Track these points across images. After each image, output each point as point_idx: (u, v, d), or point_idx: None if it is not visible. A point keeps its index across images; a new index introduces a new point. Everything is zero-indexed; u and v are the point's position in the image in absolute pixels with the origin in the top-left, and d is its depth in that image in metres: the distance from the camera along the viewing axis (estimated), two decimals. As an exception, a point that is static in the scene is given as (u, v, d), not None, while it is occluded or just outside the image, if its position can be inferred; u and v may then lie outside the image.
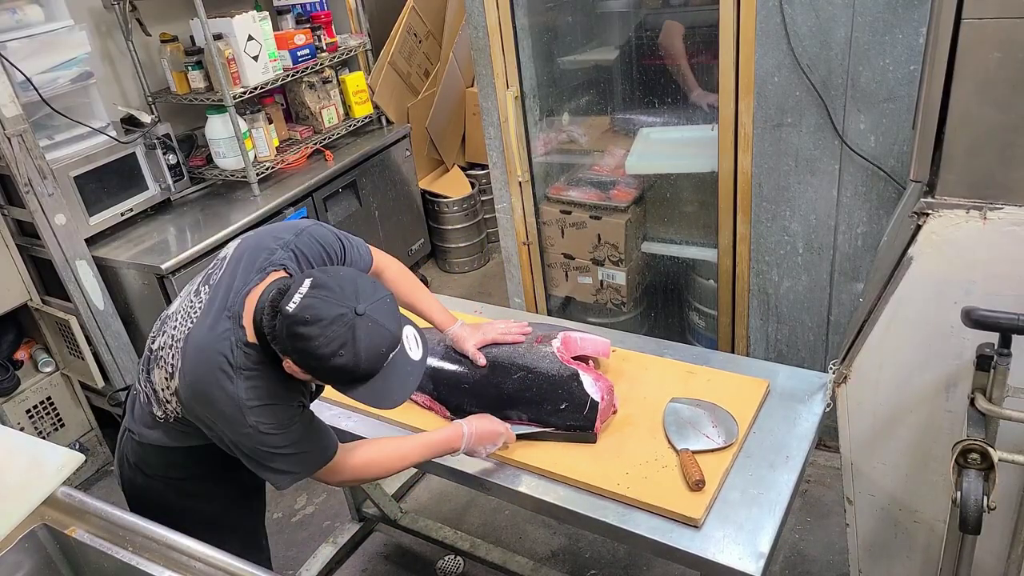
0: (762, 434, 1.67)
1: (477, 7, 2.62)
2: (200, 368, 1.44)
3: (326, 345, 1.30)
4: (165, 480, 1.68)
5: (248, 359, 1.42)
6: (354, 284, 1.37)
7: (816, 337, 2.62)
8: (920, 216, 1.46)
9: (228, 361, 1.41)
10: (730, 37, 2.22)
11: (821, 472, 2.74)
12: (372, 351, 1.33)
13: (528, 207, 2.93)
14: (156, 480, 1.68)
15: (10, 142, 2.61)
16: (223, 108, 3.25)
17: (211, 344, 1.43)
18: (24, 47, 2.74)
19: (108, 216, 3.08)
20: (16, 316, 3.12)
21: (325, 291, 1.33)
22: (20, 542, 1.50)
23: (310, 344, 1.31)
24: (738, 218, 2.49)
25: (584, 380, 1.68)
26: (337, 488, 2.96)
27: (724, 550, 1.42)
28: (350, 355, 1.31)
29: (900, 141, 2.16)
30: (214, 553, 1.40)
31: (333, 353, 1.31)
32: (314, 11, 3.76)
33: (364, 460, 1.58)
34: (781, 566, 2.44)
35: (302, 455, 1.49)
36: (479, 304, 2.33)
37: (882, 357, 1.63)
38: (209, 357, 1.43)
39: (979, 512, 1.32)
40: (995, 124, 1.36)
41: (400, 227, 4.19)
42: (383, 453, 1.61)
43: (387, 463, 1.61)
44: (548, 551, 2.63)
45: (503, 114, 2.75)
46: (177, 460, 1.66)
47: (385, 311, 1.37)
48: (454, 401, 1.80)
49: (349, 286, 1.36)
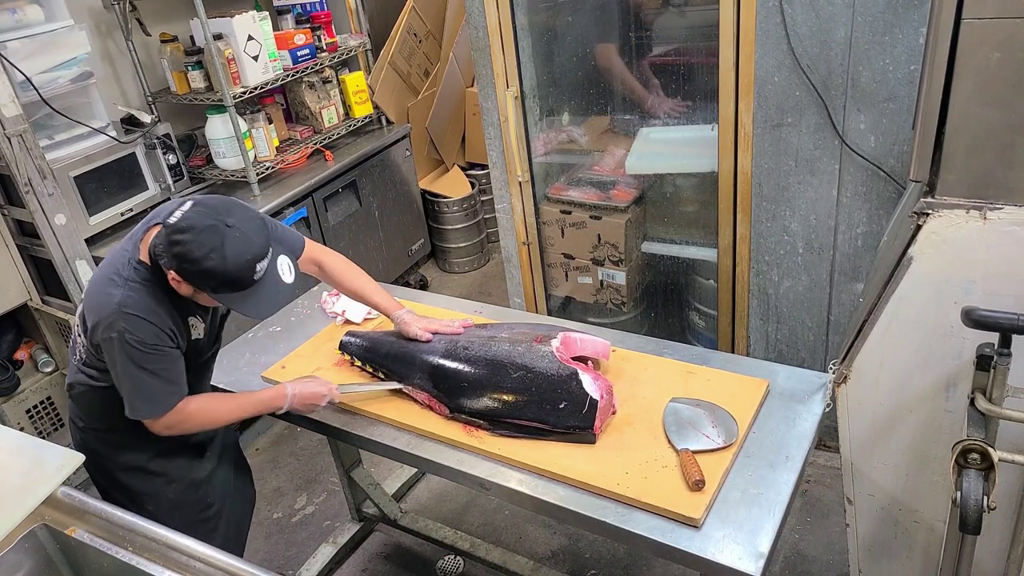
0: (762, 434, 1.67)
1: (477, 7, 2.62)
2: (97, 279, 1.68)
3: (198, 249, 1.52)
4: (94, 432, 1.84)
5: (136, 274, 1.64)
6: (228, 205, 1.60)
7: (816, 337, 2.62)
8: (920, 216, 1.46)
9: (119, 272, 1.64)
10: (730, 37, 2.22)
11: (821, 472, 2.74)
12: (239, 258, 1.54)
13: (528, 207, 2.93)
14: (88, 433, 1.85)
15: (10, 142, 2.61)
16: (223, 108, 3.25)
17: (110, 261, 1.69)
18: (24, 47, 2.74)
19: (108, 216, 3.08)
20: (16, 316, 3.12)
21: (201, 207, 1.58)
22: (20, 542, 1.50)
23: (184, 248, 1.53)
24: (738, 218, 2.50)
25: (583, 380, 1.68)
26: (337, 488, 2.96)
27: (724, 550, 1.42)
28: (219, 258, 1.52)
29: (900, 141, 2.16)
30: (214, 553, 1.40)
31: (204, 256, 1.52)
32: (314, 11, 3.76)
33: (194, 408, 1.74)
34: (781, 566, 2.44)
35: (152, 387, 1.66)
36: (479, 304, 2.33)
37: (882, 357, 1.63)
38: (105, 270, 1.67)
39: (979, 512, 1.32)
40: (995, 124, 1.36)
41: (400, 227, 4.19)
42: (213, 402, 1.81)
43: (214, 415, 1.79)
44: (548, 551, 2.63)
45: (503, 114, 2.75)
46: (96, 409, 1.80)
47: (253, 227, 1.59)
48: (453, 400, 1.80)
49: (223, 205, 1.59)
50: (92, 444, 1.84)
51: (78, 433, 1.87)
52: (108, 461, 1.86)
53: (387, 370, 1.95)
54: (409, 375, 1.89)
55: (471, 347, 1.84)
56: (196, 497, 1.93)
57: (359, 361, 2.02)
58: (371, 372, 2.00)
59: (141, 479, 1.85)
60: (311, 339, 2.23)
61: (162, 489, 1.87)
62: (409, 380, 1.89)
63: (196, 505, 1.93)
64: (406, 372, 1.90)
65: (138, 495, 1.86)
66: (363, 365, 2.02)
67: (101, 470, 1.88)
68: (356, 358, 2.03)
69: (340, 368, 2.07)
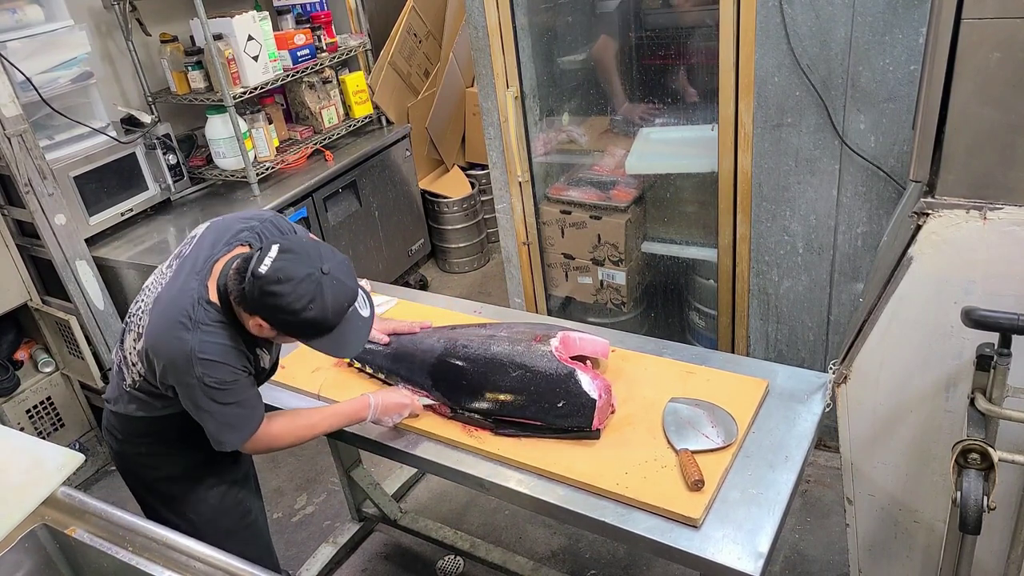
0: (761, 434, 1.67)
1: (477, 7, 2.62)
2: (163, 319, 1.59)
3: (298, 301, 1.47)
4: (133, 444, 1.81)
5: (207, 316, 1.57)
6: (317, 248, 1.55)
7: (816, 337, 2.62)
8: (920, 216, 1.46)
9: (189, 315, 1.56)
10: (730, 37, 2.22)
11: (821, 472, 2.74)
12: (336, 305, 1.52)
13: (528, 207, 2.93)
14: (127, 444, 1.81)
15: (10, 142, 2.61)
16: (223, 108, 3.25)
17: (175, 300, 1.59)
18: (24, 47, 2.74)
19: (108, 216, 3.08)
20: (16, 316, 3.12)
21: (292, 254, 1.50)
22: (20, 542, 1.50)
23: (283, 300, 1.47)
24: (738, 218, 2.49)
25: (582, 379, 1.68)
26: (337, 488, 2.96)
27: (723, 550, 1.42)
28: (319, 309, 1.49)
29: (900, 141, 2.16)
30: (214, 553, 1.40)
31: (304, 308, 1.48)
32: (314, 11, 3.76)
33: (280, 429, 1.71)
34: (781, 566, 2.44)
35: (235, 416, 1.62)
36: (479, 304, 2.33)
37: (882, 357, 1.63)
38: (172, 311, 1.58)
39: (979, 512, 1.32)
40: (995, 124, 1.36)
41: (400, 227, 4.19)
42: (296, 422, 1.75)
43: (300, 431, 1.74)
44: (548, 551, 2.63)
45: (503, 114, 2.75)
46: (140, 429, 1.77)
47: (345, 271, 1.56)
48: (453, 399, 1.80)
49: (313, 250, 1.53)
50: (130, 454, 1.82)
51: (116, 444, 1.83)
52: (148, 470, 1.84)
53: (387, 371, 1.95)
54: (409, 375, 1.89)
55: (470, 346, 1.84)
56: (236, 500, 1.91)
57: (359, 363, 2.02)
58: (370, 374, 2.00)
59: (181, 487, 1.83)
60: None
61: (204, 495, 1.85)
62: (409, 380, 1.89)
63: (236, 509, 1.91)
64: (406, 373, 1.90)
65: (181, 502, 1.83)
66: (363, 366, 2.01)
67: (138, 480, 1.86)
68: (356, 359, 2.03)
69: (339, 368, 2.07)
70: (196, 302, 1.57)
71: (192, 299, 1.57)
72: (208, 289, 1.59)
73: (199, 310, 1.56)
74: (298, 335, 1.57)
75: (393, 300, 2.37)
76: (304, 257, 1.50)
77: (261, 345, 1.72)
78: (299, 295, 1.47)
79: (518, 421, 1.73)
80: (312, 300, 1.48)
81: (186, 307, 1.56)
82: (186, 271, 1.63)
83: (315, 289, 1.48)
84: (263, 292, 1.48)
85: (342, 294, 1.52)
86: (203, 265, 1.62)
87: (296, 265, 1.48)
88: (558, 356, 1.74)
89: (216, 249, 1.65)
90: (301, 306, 1.47)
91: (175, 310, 1.57)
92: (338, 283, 1.51)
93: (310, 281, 1.48)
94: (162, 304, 1.60)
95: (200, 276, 1.61)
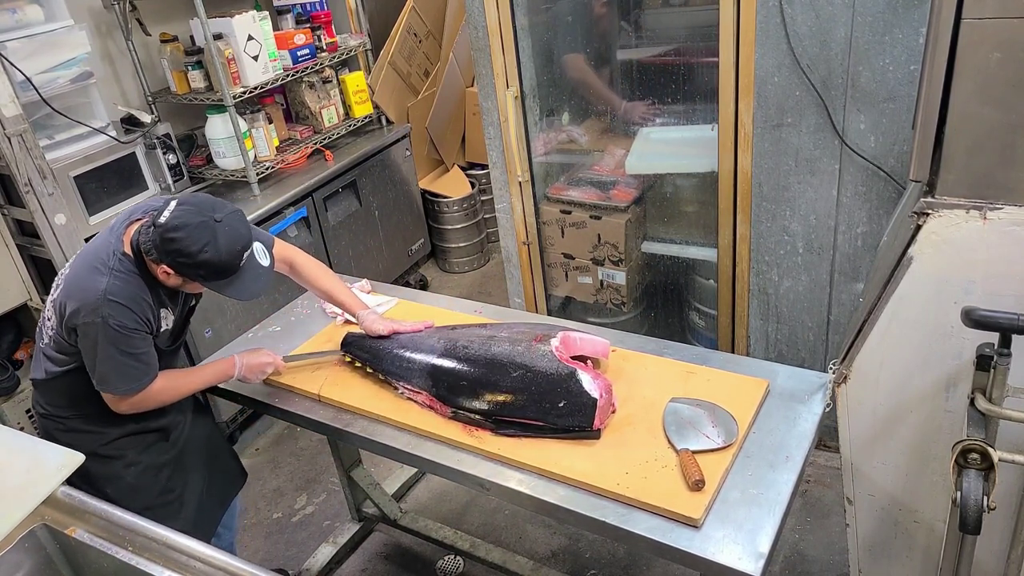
0: (762, 434, 1.67)
1: (477, 7, 2.62)
2: (81, 266, 1.79)
3: (193, 244, 1.67)
4: (56, 420, 1.93)
5: (121, 264, 1.76)
6: (211, 201, 1.74)
7: (816, 337, 2.62)
8: (920, 216, 1.46)
9: (103, 262, 1.76)
10: (730, 37, 2.22)
11: (821, 472, 2.74)
12: (230, 247, 1.71)
13: (528, 207, 2.93)
14: (49, 420, 1.94)
15: (10, 142, 2.61)
16: (223, 108, 3.24)
17: (92, 251, 1.80)
18: (24, 47, 2.73)
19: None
20: (16, 316, 3.11)
21: (189, 206, 1.71)
22: (20, 542, 1.50)
23: (180, 244, 1.67)
24: (738, 218, 2.50)
25: (582, 379, 1.68)
26: (337, 488, 2.96)
27: (724, 550, 1.42)
28: (213, 251, 1.68)
29: (900, 141, 2.16)
30: (214, 553, 1.40)
31: (200, 250, 1.67)
32: (314, 11, 3.76)
33: (161, 385, 1.86)
34: (781, 566, 2.44)
35: (128, 366, 1.77)
36: (479, 304, 2.33)
37: (882, 357, 1.63)
38: (89, 259, 1.78)
39: (979, 512, 1.32)
40: (995, 124, 1.36)
41: (400, 227, 4.19)
42: (175, 382, 1.92)
43: (177, 388, 1.92)
44: (548, 551, 2.63)
45: (503, 114, 2.75)
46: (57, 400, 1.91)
47: (237, 219, 1.75)
48: (453, 399, 1.80)
49: (207, 202, 1.74)
50: (52, 431, 1.94)
51: (40, 420, 1.98)
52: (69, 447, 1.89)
53: (387, 371, 1.95)
54: (409, 375, 1.89)
55: (471, 347, 1.84)
56: (155, 480, 2.00)
57: (359, 362, 2.03)
58: (371, 373, 2.00)
59: (99, 463, 1.91)
60: (311, 339, 2.23)
61: (120, 472, 1.95)
62: (409, 380, 1.89)
63: (154, 488, 2.00)
64: (407, 372, 1.90)
65: (96, 479, 1.92)
66: (363, 366, 2.02)
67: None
68: (357, 359, 2.03)
69: (340, 368, 2.07)
70: (111, 253, 1.76)
71: (108, 249, 1.77)
72: (123, 243, 1.79)
73: (113, 259, 1.76)
74: (199, 278, 1.74)
75: (393, 300, 2.37)
76: (199, 208, 1.70)
77: (166, 305, 1.88)
78: (194, 239, 1.66)
79: (519, 421, 1.73)
80: (207, 244, 1.67)
81: (102, 256, 1.76)
82: (106, 232, 1.83)
83: (209, 234, 1.67)
84: (163, 239, 1.68)
85: (235, 238, 1.71)
86: (119, 226, 1.82)
87: (191, 215, 1.69)
88: (559, 356, 1.74)
89: (133, 215, 1.84)
90: (197, 248, 1.67)
91: (92, 258, 1.78)
92: (231, 229, 1.71)
93: (204, 227, 1.67)
94: (81, 256, 1.82)
95: (116, 232, 1.80)
